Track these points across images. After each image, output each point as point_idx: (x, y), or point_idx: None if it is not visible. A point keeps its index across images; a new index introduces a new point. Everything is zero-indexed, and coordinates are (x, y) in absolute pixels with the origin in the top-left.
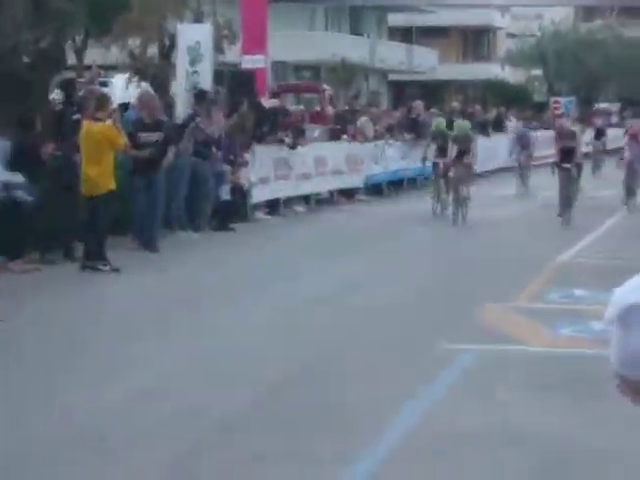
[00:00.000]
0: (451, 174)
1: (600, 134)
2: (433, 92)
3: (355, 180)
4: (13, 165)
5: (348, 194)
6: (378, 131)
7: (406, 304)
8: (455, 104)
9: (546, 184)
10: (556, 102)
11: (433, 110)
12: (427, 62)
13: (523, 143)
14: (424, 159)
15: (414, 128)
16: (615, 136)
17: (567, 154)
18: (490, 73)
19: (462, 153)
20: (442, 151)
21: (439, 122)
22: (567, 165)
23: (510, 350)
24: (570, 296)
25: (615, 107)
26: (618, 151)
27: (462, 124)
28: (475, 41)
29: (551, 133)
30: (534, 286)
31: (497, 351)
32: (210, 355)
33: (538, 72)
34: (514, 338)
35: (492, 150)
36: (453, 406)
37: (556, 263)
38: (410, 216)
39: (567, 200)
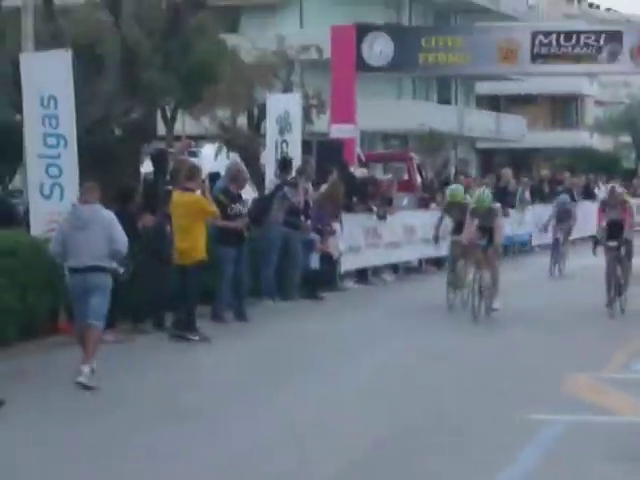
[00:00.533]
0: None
1: None
2: (521, 160)
3: (443, 248)
4: None
5: (436, 262)
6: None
7: (493, 372)
8: (545, 172)
9: None
10: None
11: (525, 179)
12: (515, 130)
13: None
14: (436, 237)
15: (503, 197)
16: None
17: (614, 228)
18: (578, 141)
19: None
20: (459, 227)
21: (454, 190)
22: (613, 243)
23: (600, 420)
24: None
25: None
26: None
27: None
28: (563, 109)
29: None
30: (623, 356)
31: (586, 421)
32: (299, 426)
33: (627, 139)
34: (604, 408)
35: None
36: (546, 475)
37: None
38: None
39: (616, 287)
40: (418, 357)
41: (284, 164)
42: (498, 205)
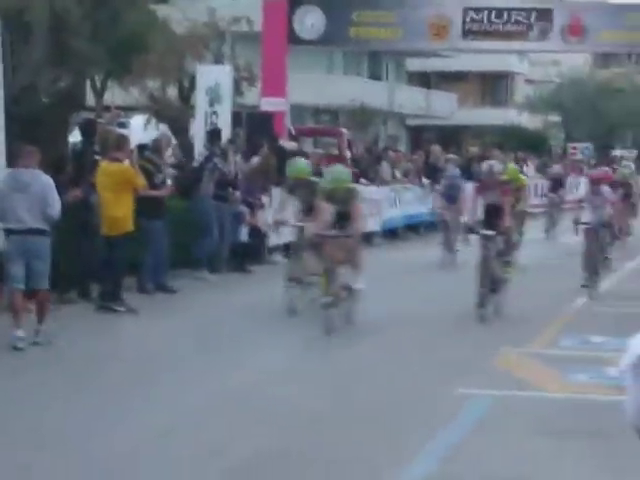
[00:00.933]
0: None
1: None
2: (451, 137)
3: (372, 224)
4: None
5: (365, 237)
6: (396, 175)
7: (421, 347)
8: (474, 149)
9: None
10: (573, 148)
11: (450, 155)
12: (445, 107)
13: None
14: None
15: (433, 173)
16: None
17: (492, 214)
18: (508, 118)
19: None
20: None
21: (296, 165)
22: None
23: (527, 396)
24: (587, 342)
25: (633, 154)
26: None
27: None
28: (493, 86)
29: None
30: (550, 332)
31: (514, 396)
32: (224, 399)
33: (556, 118)
34: (531, 384)
35: None
36: (470, 452)
37: (572, 310)
38: (424, 262)
39: (491, 284)
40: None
41: (213, 135)
42: (355, 186)
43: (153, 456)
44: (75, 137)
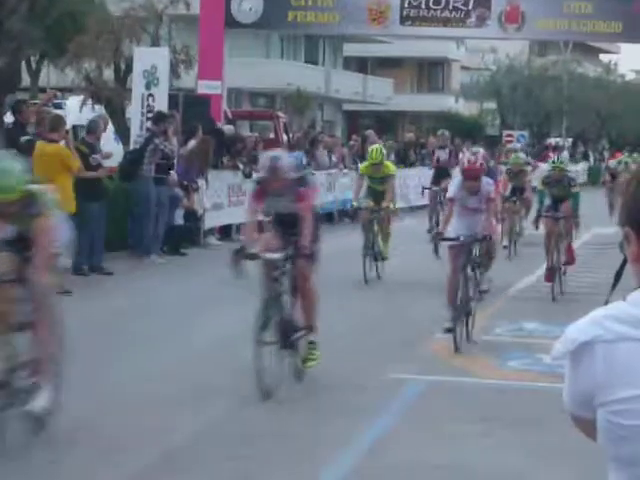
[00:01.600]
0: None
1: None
2: (387, 122)
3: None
4: None
5: None
6: (332, 160)
7: (356, 331)
8: (410, 135)
9: None
10: (509, 135)
11: (389, 142)
12: (382, 92)
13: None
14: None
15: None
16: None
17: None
18: (444, 105)
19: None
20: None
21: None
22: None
23: (458, 382)
24: (520, 329)
25: (567, 142)
26: None
27: None
28: (430, 73)
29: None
30: (483, 319)
31: (445, 382)
32: (149, 379)
33: (492, 105)
34: (463, 370)
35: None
36: (400, 438)
37: (506, 296)
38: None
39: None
40: None
41: (159, 117)
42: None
43: None
44: (9, 118)
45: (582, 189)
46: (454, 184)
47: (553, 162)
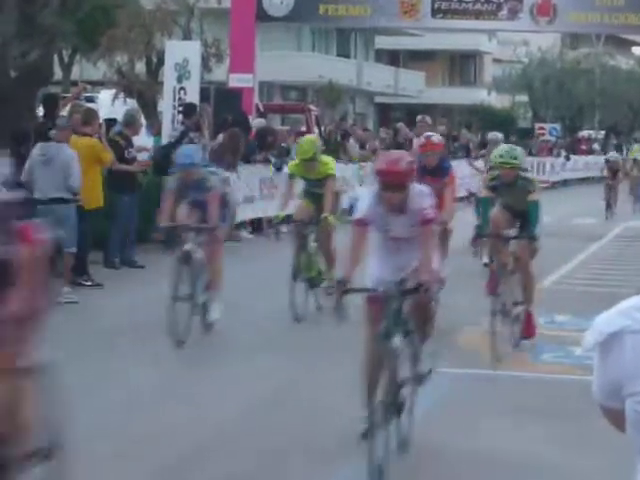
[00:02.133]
0: None
1: None
2: (419, 115)
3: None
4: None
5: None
6: (364, 153)
7: None
8: (442, 128)
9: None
10: (541, 128)
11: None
12: (413, 85)
13: None
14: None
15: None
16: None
17: None
18: (476, 98)
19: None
20: None
21: None
22: None
23: (490, 374)
24: (552, 322)
25: (600, 135)
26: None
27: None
28: (462, 66)
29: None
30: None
31: (476, 374)
32: (182, 371)
33: (524, 98)
34: (494, 362)
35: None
36: (429, 430)
37: (538, 289)
38: None
39: None
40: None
41: (189, 110)
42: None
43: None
44: (41, 112)
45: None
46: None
47: (500, 155)
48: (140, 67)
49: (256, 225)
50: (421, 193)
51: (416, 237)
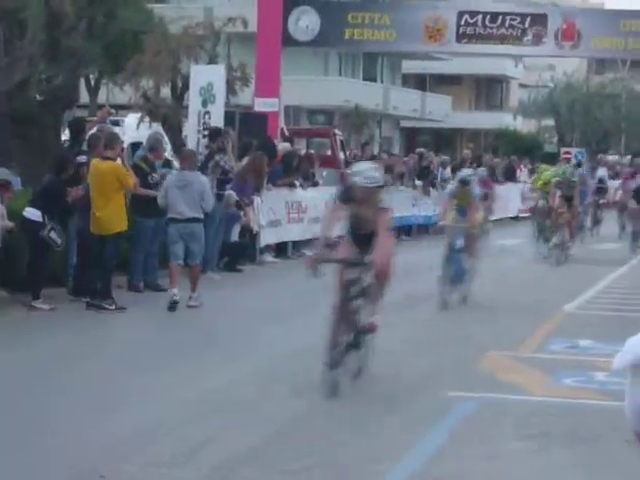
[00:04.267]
0: None
1: None
2: (445, 139)
3: None
4: (44, 207)
5: None
6: (389, 177)
7: (410, 348)
8: (467, 152)
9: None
10: (567, 153)
11: (444, 157)
12: (440, 109)
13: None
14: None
15: (426, 175)
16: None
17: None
18: (502, 122)
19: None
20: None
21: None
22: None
23: (512, 399)
24: (574, 346)
25: (626, 160)
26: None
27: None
28: (488, 90)
29: None
30: (539, 336)
31: (499, 399)
32: (205, 397)
33: (550, 123)
34: (517, 387)
35: (503, 199)
36: (453, 454)
37: (561, 312)
38: (419, 262)
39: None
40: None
41: (215, 134)
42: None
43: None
44: (67, 135)
45: None
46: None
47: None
48: (166, 91)
49: (280, 249)
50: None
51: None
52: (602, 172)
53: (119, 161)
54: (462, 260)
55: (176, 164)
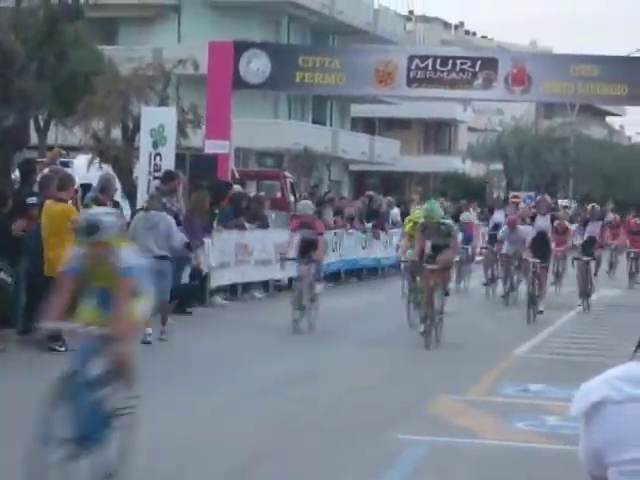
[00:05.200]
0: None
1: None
2: (394, 183)
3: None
4: None
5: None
6: (338, 220)
7: (358, 395)
8: (416, 197)
9: None
10: (515, 196)
11: (389, 198)
12: (389, 153)
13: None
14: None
15: (375, 218)
16: None
17: None
18: (451, 166)
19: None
20: None
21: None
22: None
23: (464, 443)
24: (525, 390)
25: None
26: None
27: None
28: (437, 134)
29: None
30: (489, 379)
31: (450, 443)
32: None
33: (498, 167)
34: (469, 431)
35: None
36: None
37: (511, 357)
38: (367, 306)
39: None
40: (281, 376)
41: (168, 176)
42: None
43: None
44: (16, 175)
45: None
46: None
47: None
48: (116, 132)
49: (231, 291)
50: None
51: None
52: (499, 216)
53: (71, 203)
54: None
55: (125, 206)
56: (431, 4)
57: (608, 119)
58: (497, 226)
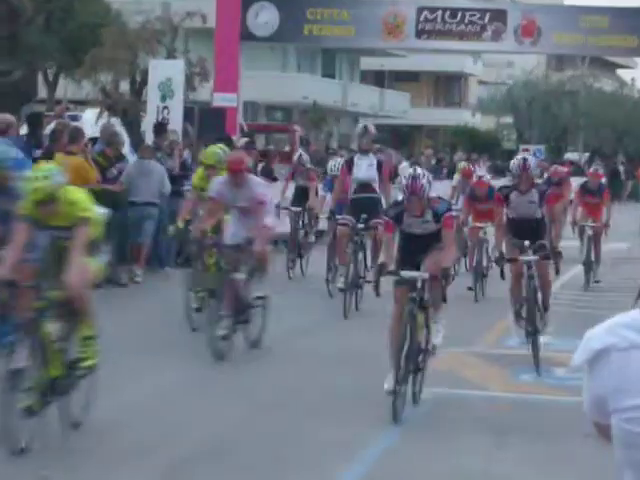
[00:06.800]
0: None
1: None
2: (403, 136)
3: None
4: None
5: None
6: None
7: (366, 344)
8: (429, 151)
9: None
10: (525, 150)
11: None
12: (398, 106)
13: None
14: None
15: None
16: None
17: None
18: (461, 119)
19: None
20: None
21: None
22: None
23: (470, 394)
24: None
25: (584, 157)
26: None
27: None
28: (446, 87)
29: None
30: (496, 332)
31: (456, 395)
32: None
33: (508, 120)
34: (474, 383)
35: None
36: (409, 450)
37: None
38: None
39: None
40: (289, 329)
41: (159, 129)
42: None
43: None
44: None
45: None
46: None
47: None
48: (124, 86)
49: None
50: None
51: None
52: None
53: (81, 156)
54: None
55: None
56: None
57: (619, 72)
58: None
